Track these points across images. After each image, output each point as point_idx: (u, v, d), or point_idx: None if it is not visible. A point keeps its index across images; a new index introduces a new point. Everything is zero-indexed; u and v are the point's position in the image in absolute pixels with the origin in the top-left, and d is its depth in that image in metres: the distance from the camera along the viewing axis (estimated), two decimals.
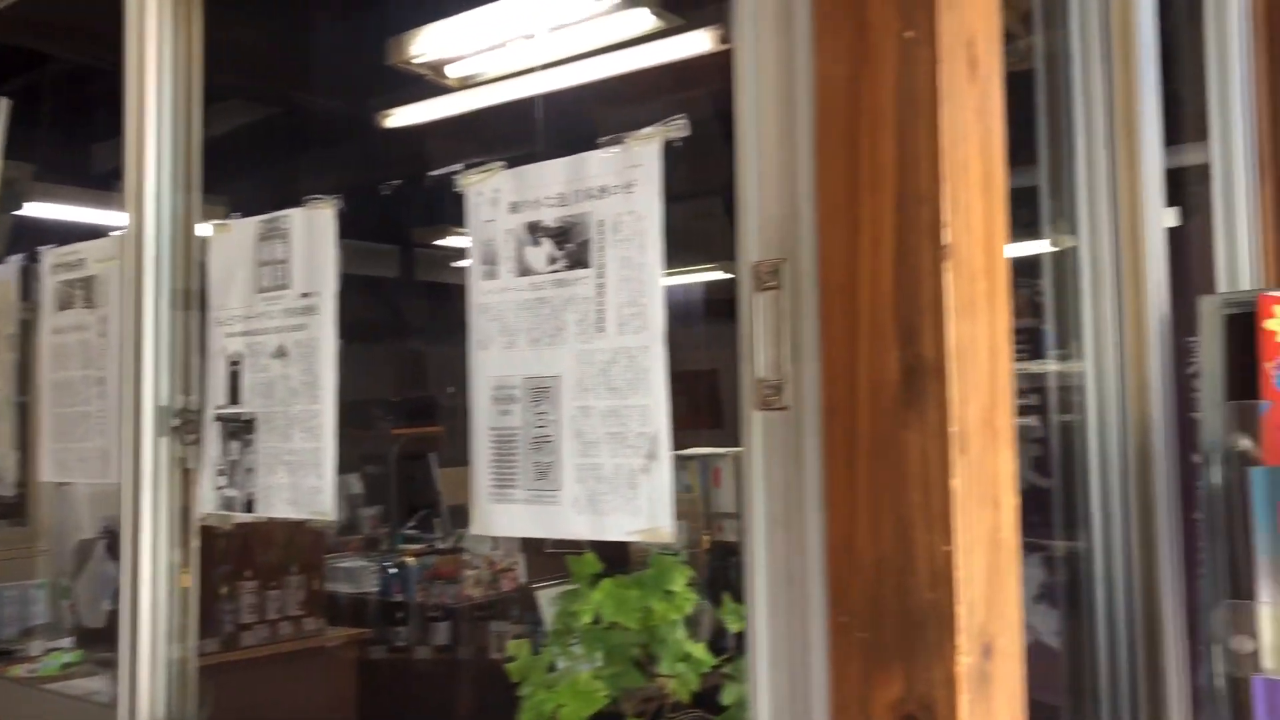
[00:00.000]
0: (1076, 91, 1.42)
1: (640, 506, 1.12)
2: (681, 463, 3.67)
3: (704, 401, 5.36)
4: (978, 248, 0.93)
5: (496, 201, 1.26)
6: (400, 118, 3.89)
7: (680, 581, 1.47)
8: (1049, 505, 1.43)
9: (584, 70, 3.18)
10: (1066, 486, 1.40)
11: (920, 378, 0.89)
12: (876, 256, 0.92)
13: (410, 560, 5.08)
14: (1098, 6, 1.42)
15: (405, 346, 7.88)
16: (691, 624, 1.56)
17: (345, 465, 1.50)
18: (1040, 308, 1.50)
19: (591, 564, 1.55)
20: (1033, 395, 1.51)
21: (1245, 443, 1.16)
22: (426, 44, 2.89)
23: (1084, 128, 1.41)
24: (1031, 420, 1.49)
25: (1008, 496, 0.95)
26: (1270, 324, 1.25)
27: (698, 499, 3.64)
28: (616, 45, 3.08)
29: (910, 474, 0.89)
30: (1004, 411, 0.95)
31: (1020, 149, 1.51)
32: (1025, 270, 1.56)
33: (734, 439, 1.06)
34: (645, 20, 2.90)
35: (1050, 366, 1.47)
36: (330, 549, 4.83)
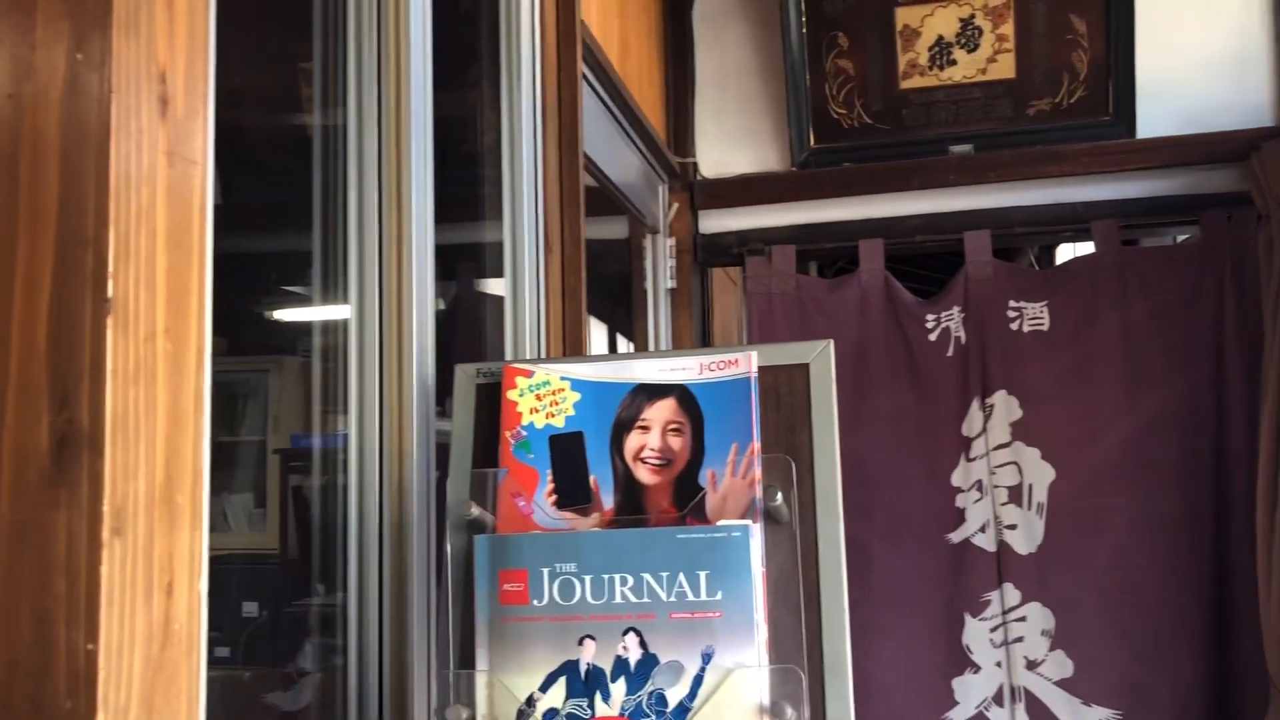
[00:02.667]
0: (351, 165, 1.41)
1: None
2: None
3: None
4: (160, 304, 0.84)
5: None
6: None
7: None
8: (310, 572, 1.37)
9: None
10: (325, 552, 1.36)
11: (74, 449, 0.77)
12: (32, 305, 0.79)
13: None
14: (374, 86, 1.43)
15: None
16: None
17: None
18: None
19: None
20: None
21: (476, 510, 1.20)
22: None
23: (356, 201, 1.41)
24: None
25: (189, 581, 0.85)
26: (512, 394, 1.32)
27: None
28: None
29: (56, 561, 0.76)
30: (190, 487, 0.86)
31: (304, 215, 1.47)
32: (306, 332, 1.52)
33: None
34: None
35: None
36: None
